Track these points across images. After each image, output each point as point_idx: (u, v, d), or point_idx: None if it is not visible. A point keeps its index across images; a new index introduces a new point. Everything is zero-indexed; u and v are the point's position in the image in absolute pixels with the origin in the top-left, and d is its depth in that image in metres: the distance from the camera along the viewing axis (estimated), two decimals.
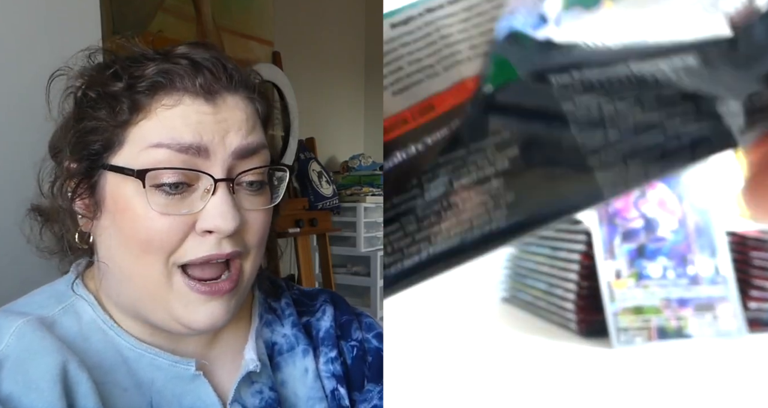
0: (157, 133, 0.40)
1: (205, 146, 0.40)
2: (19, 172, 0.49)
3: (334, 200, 1.95)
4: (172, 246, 0.41)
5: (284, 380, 0.50)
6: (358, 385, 0.52)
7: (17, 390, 0.38)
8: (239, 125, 0.42)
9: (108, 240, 0.43)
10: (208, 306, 0.42)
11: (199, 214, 0.41)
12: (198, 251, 0.41)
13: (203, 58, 0.43)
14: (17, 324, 0.41)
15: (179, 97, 0.41)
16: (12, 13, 0.72)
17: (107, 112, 0.41)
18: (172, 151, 0.40)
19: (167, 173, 0.40)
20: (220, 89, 0.42)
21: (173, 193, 0.40)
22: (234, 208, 0.41)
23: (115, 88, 0.41)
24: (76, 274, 0.47)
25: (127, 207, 0.41)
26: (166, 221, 0.40)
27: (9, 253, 0.66)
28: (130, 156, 0.41)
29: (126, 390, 0.42)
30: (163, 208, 0.40)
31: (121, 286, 0.44)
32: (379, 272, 2.08)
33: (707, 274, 0.72)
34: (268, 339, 0.51)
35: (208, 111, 0.41)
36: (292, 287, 0.58)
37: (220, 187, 0.41)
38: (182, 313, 0.42)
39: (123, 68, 0.42)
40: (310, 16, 2.22)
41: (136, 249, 0.41)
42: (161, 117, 0.41)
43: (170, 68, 0.41)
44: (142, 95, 0.41)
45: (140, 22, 1.49)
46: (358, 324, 0.55)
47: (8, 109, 0.72)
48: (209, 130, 0.41)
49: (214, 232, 0.41)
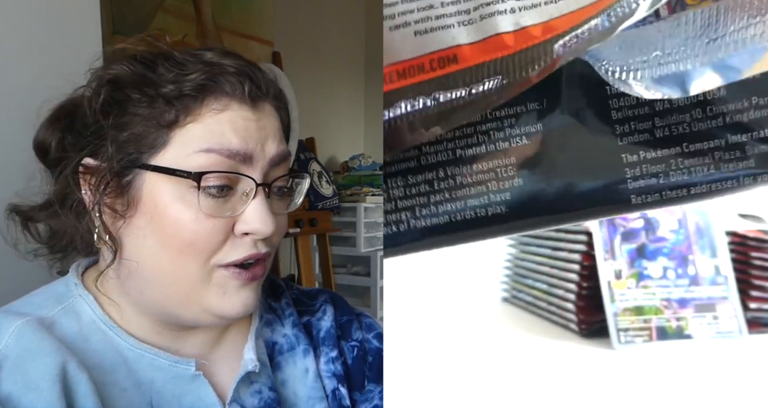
0: (207, 139, 0.41)
1: (249, 153, 0.42)
2: (19, 172, 0.49)
3: (334, 200, 1.95)
4: (214, 247, 0.42)
5: (284, 380, 0.50)
6: (359, 385, 0.52)
7: (16, 390, 0.38)
8: (274, 133, 0.44)
9: (140, 240, 0.42)
10: (242, 292, 0.44)
11: (238, 217, 0.42)
12: (238, 252, 0.43)
13: (241, 64, 0.44)
14: (17, 324, 0.41)
15: (227, 102, 0.42)
16: (12, 12, 0.72)
17: (150, 112, 0.41)
18: (221, 156, 0.41)
19: (215, 176, 0.41)
20: (261, 96, 0.44)
21: (218, 196, 0.41)
22: (270, 212, 0.43)
23: (165, 89, 0.41)
24: (76, 275, 0.47)
25: (169, 208, 0.41)
26: (209, 223, 0.41)
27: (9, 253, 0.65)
28: (176, 158, 0.41)
29: (125, 390, 0.42)
30: (210, 210, 0.41)
31: (150, 285, 0.43)
32: (379, 272, 2.08)
33: (707, 274, 0.72)
34: (269, 339, 0.51)
35: (252, 118, 0.43)
36: (292, 287, 0.58)
37: (259, 192, 0.43)
38: (217, 304, 0.43)
39: (167, 69, 0.42)
40: (310, 16, 2.22)
41: (177, 250, 0.41)
42: (210, 121, 0.41)
43: (218, 73, 0.42)
44: (190, 98, 0.41)
45: (140, 22, 1.49)
46: (358, 324, 0.56)
47: (8, 109, 0.72)
48: (253, 137, 0.42)
49: (251, 234, 0.42)
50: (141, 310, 0.45)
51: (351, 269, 2.19)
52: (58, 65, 0.46)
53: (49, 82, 0.47)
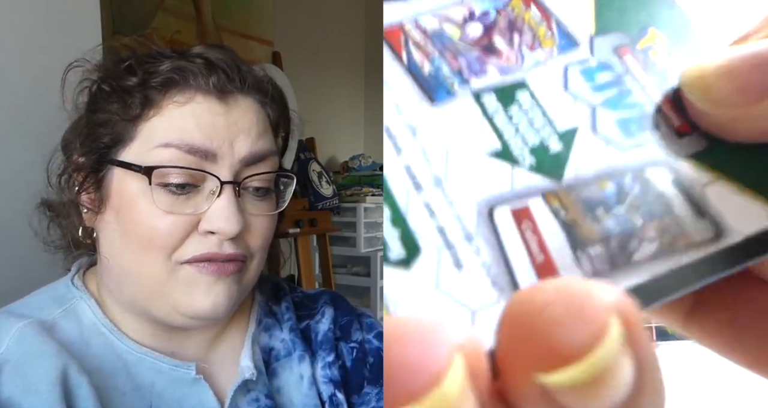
0: (167, 133, 0.40)
1: (213, 151, 0.40)
2: (21, 170, 0.49)
3: (334, 200, 1.95)
4: (174, 244, 0.40)
5: (280, 387, 0.49)
6: (357, 388, 0.52)
7: (17, 393, 0.38)
8: (249, 130, 0.42)
9: (110, 235, 0.43)
10: (212, 289, 0.41)
11: (203, 215, 0.41)
12: (199, 249, 0.41)
13: (218, 58, 0.42)
14: (17, 327, 0.41)
15: (191, 95, 0.41)
16: (12, 12, 0.72)
17: (119, 105, 0.41)
18: (181, 152, 0.40)
19: (174, 173, 0.40)
20: (233, 90, 0.42)
21: (179, 193, 0.40)
22: (238, 211, 0.41)
23: (129, 82, 0.41)
24: (77, 275, 0.47)
25: (132, 203, 0.41)
26: (169, 220, 0.40)
27: (14, 251, 0.66)
28: (138, 152, 0.41)
29: (125, 394, 0.42)
30: (168, 206, 0.40)
31: (121, 281, 0.43)
32: (379, 272, 2.08)
33: None
34: (266, 344, 0.50)
35: (220, 111, 0.41)
36: (295, 290, 0.57)
37: (226, 190, 0.41)
38: (184, 302, 0.41)
39: (138, 63, 0.42)
40: (310, 16, 2.22)
41: (138, 246, 0.41)
42: (172, 115, 0.40)
43: (185, 65, 0.41)
44: (154, 91, 0.41)
45: (140, 22, 1.49)
46: (358, 324, 0.55)
47: (8, 109, 0.72)
48: (219, 134, 0.41)
49: (216, 234, 0.41)
50: (125, 309, 0.44)
51: (351, 269, 2.19)
52: (58, 65, 0.46)
53: (49, 82, 0.47)
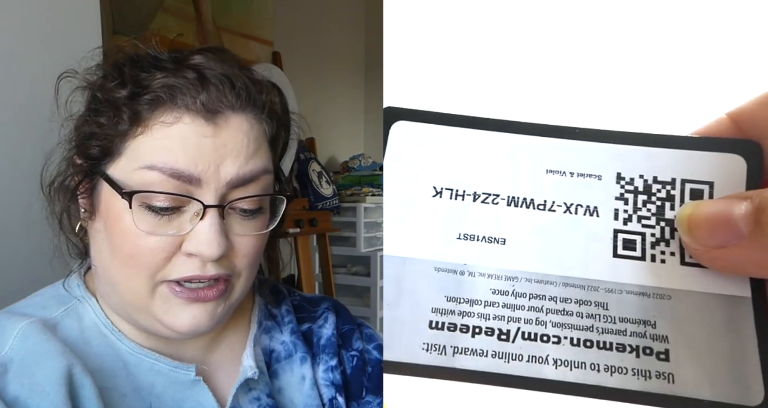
0: (152, 154, 0.39)
1: (197, 176, 0.39)
2: (22, 171, 0.49)
3: (334, 200, 1.95)
4: (156, 265, 0.40)
5: (281, 388, 0.49)
6: (357, 394, 0.52)
7: (23, 393, 0.37)
8: (238, 151, 0.40)
9: (99, 244, 0.43)
10: (190, 309, 0.41)
11: (186, 236, 0.40)
12: (182, 271, 0.40)
13: (213, 73, 0.41)
14: (20, 326, 0.41)
15: (179, 115, 0.39)
16: (12, 12, 0.72)
17: (108, 119, 0.41)
18: (164, 175, 0.39)
19: (158, 196, 0.39)
20: (224, 108, 0.40)
21: (162, 214, 0.39)
22: (221, 234, 0.40)
23: (119, 95, 0.40)
24: (79, 276, 0.47)
25: (118, 219, 0.40)
26: (152, 240, 0.39)
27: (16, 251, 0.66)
28: (124, 170, 0.40)
29: (125, 395, 0.42)
30: (150, 227, 0.39)
31: (109, 289, 0.44)
32: (379, 272, 2.08)
33: None
34: (266, 346, 0.50)
35: (208, 133, 0.39)
36: (294, 293, 0.57)
37: (210, 213, 0.40)
38: (164, 317, 0.41)
39: (131, 76, 0.41)
40: (310, 16, 2.22)
41: (121, 260, 0.40)
42: (159, 136, 0.39)
43: (174, 83, 0.40)
44: (143, 108, 0.40)
45: (140, 22, 1.49)
46: (359, 334, 0.55)
47: (8, 108, 0.72)
48: (205, 158, 0.39)
49: (198, 256, 0.40)
50: (116, 312, 0.44)
51: (351, 269, 2.19)
52: (59, 65, 0.46)
53: (49, 82, 0.47)
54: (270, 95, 0.45)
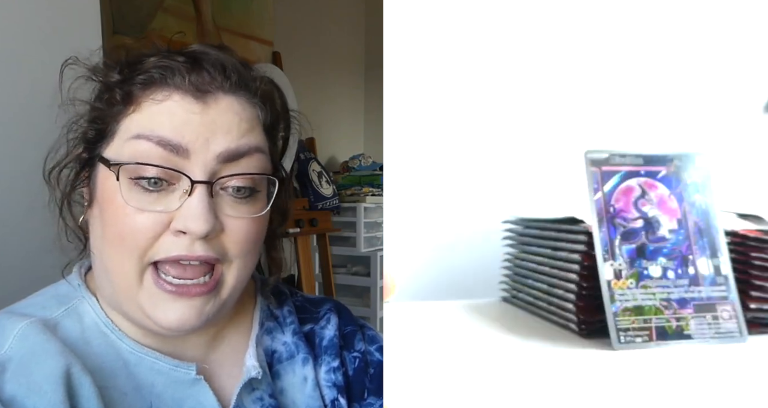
0: (140, 125, 0.41)
1: (185, 147, 0.40)
2: (22, 170, 0.49)
3: (334, 200, 1.95)
4: (145, 243, 0.40)
5: (283, 388, 0.49)
6: (359, 396, 0.52)
7: (21, 392, 0.38)
8: (228, 128, 0.41)
9: (95, 231, 0.43)
10: (176, 305, 0.41)
11: (175, 213, 0.40)
12: (170, 250, 0.40)
13: (206, 57, 0.43)
14: (20, 326, 0.41)
15: (169, 93, 0.41)
16: (12, 12, 0.72)
17: (104, 102, 0.42)
18: (151, 143, 0.40)
19: (146, 168, 0.40)
20: (214, 89, 0.42)
21: (151, 190, 0.40)
22: (210, 211, 0.40)
23: (113, 79, 0.42)
24: (79, 276, 0.47)
25: (110, 199, 0.41)
26: (141, 217, 0.40)
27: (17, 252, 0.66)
28: (116, 147, 0.42)
29: (126, 394, 0.42)
30: (138, 203, 0.40)
31: (102, 279, 0.44)
32: (379, 272, 2.08)
33: (707, 274, 0.72)
34: (268, 346, 0.50)
35: (196, 110, 0.41)
36: (296, 294, 0.57)
37: (198, 189, 0.40)
38: (151, 311, 0.41)
39: (128, 62, 0.43)
40: (310, 16, 2.22)
41: (113, 243, 0.41)
42: (149, 111, 0.41)
43: (167, 64, 0.42)
44: (135, 87, 0.41)
45: (140, 22, 1.49)
46: (361, 335, 0.55)
47: (9, 108, 0.72)
48: (193, 131, 0.40)
49: (187, 234, 0.40)
50: (111, 306, 0.45)
51: (351, 269, 2.19)
52: (58, 65, 0.46)
53: (49, 82, 0.47)
54: (263, 84, 0.46)
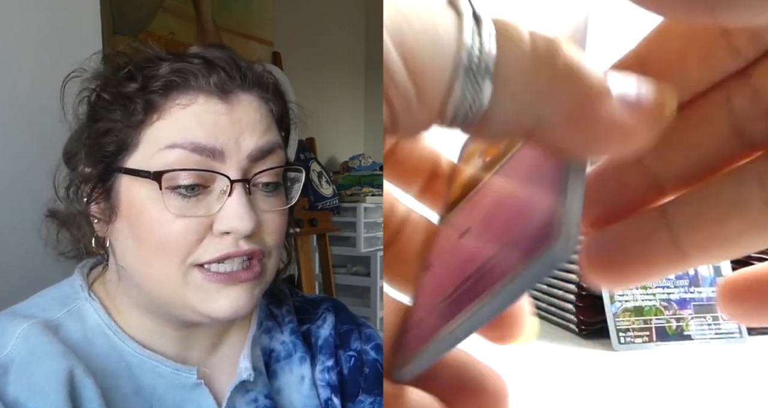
0: (172, 134, 0.40)
1: (220, 149, 0.40)
2: (23, 174, 0.49)
3: (334, 200, 1.94)
4: (188, 248, 0.40)
5: (280, 388, 0.49)
6: (353, 395, 0.52)
7: (23, 394, 0.38)
8: (253, 126, 0.42)
9: (124, 243, 0.42)
10: (228, 292, 0.41)
11: (215, 216, 0.40)
12: (216, 251, 0.40)
13: (216, 56, 0.42)
14: (23, 327, 0.41)
15: (194, 96, 0.40)
16: (12, 12, 0.72)
17: (121, 113, 0.41)
18: (186, 151, 0.39)
19: (183, 175, 0.39)
20: (234, 88, 0.42)
21: (189, 196, 0.40)
22: (251, 209, 0.41)
23: (129, 88, 0.41)
24: (82, 277, 0.47)
25: (143, 210, 0.40)
26: (182, 223, 0.40)
27: (19, 253, 0.66)
28: (144, 158, 0.40)
29: (127, 396, 0.42)
30: (179, 210, 0.40)
31: (136, 290, 0.43)
32: (379, 272, 2.08)
33: (707, 274, 0.72)
34: (266, 346, 0.50)
35: (223, 110, 0.41)
36: (296, 294, 0.57)
37: (237, 188, 0.40)
38: (201, 306, 0.41)
39: (137, 69, 0.42)
40: (310, 16, 2.22)
41: (152, 252, 0.40)
42: (175, 117, 0.40)
43: (184, 67, 0.41)
44: (156, 95, 0.40)
45: (140, 22, 1.49)
46: (358, 334, 0.55)
47: (8, 108, 0.71)
48: (224, 132, 0.40)
49: (231, 234, 0.40)
50: (145, 311, 0.44)
51: (351, 269, 2.19)
52: (59, 65, 0.46)
53: (49, 82, 0.47)
54: (270, 78, 0.46)
